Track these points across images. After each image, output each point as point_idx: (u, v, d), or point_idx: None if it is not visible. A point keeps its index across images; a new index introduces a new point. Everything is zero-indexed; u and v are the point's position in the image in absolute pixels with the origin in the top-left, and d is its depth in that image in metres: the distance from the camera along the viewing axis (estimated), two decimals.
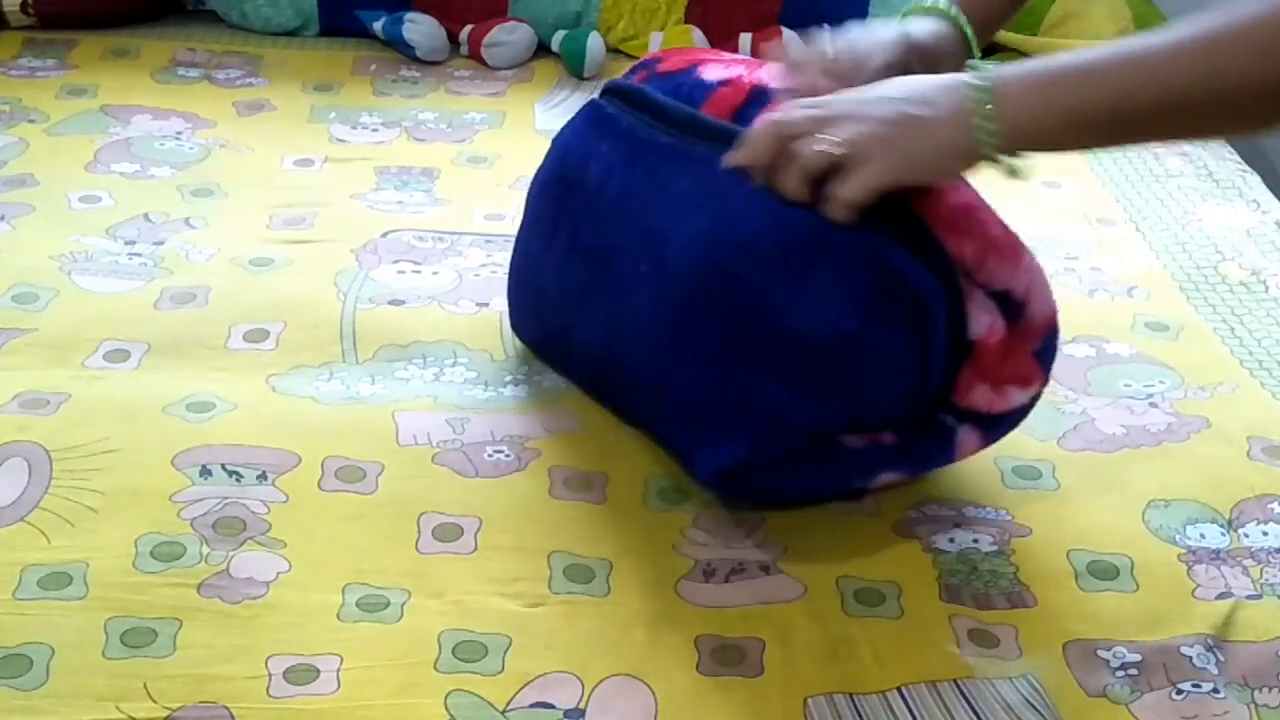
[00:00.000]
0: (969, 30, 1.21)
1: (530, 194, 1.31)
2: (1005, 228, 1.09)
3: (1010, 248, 1.09)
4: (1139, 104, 0.98)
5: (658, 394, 1.16)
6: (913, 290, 1.06)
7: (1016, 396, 1.13)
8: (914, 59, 1.16)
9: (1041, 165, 1.77)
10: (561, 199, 1.24)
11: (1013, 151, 1.02)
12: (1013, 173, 1.03)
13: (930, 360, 1.08)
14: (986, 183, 1.08)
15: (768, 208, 1.08)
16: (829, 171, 1.03)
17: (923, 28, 1.20)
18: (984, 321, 1.08)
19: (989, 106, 0.99)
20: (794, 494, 1.14)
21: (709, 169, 1.12)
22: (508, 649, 1.02)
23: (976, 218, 1.08)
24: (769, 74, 1.18)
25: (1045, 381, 1.14)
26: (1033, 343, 1.11)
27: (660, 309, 1.13)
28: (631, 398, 1.21)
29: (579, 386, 1.29)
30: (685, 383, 1.13)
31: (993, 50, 2.06)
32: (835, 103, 1.06)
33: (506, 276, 1.34)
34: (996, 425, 1.14)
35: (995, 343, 1.09)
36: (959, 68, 1.06)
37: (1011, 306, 1.09)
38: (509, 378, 1.32)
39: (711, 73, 1.20)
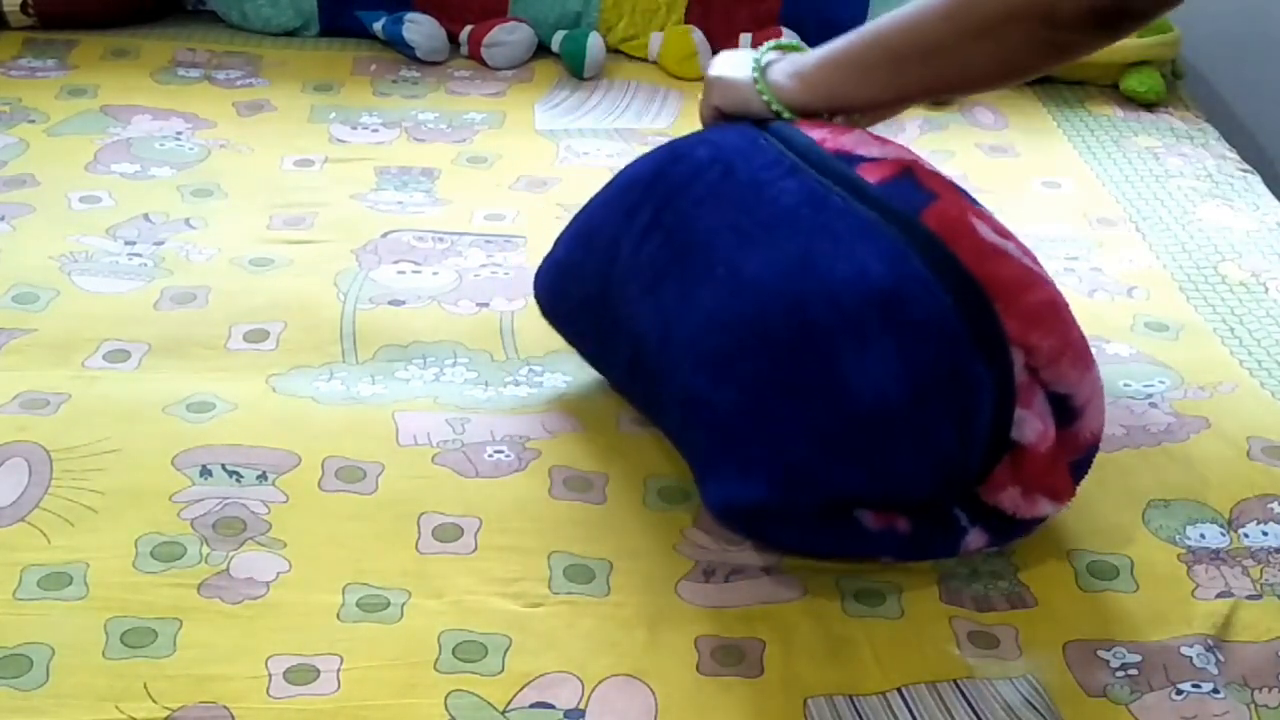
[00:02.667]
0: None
1: (640, 159, 1.26)
2: (1084, 336, 1.08)
3: (1085, 354, 1.08)
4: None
5: (692, 407, 1.13)
6: (962, 368, 1.04)
7: (1043, 507, 1.10)
8: None
9: (1041, 165, 1.80)
10: (662, 167, 1.21)
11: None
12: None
13: (969, 452, 1.06)
14: (986, 182, 1.07)
15: (858, 259, 1.06)
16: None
17: None
18: (1036, 429, 1.06)
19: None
20: (796, 549, 1.11)
21: (825, 204, 1.10)
22: (508, 649, 1.02)
23: (1060, 316, 1.07)
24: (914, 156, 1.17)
25: (1072, 496, 1.12)
26: (1074, 454, 1.10)
27: (720, 318, 1.10)
28: (663, 399, 1.18)
29: (603, 361, 1.27)
30: (721, 405, 1.09)
31: None
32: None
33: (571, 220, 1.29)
34: (1008, 533, 1.12)
35: (1043, 451, 1.07)
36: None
37: (1068, 413, 1.08)
38: (509, 378, 1.32)
39: (866, 149, 1.16)
